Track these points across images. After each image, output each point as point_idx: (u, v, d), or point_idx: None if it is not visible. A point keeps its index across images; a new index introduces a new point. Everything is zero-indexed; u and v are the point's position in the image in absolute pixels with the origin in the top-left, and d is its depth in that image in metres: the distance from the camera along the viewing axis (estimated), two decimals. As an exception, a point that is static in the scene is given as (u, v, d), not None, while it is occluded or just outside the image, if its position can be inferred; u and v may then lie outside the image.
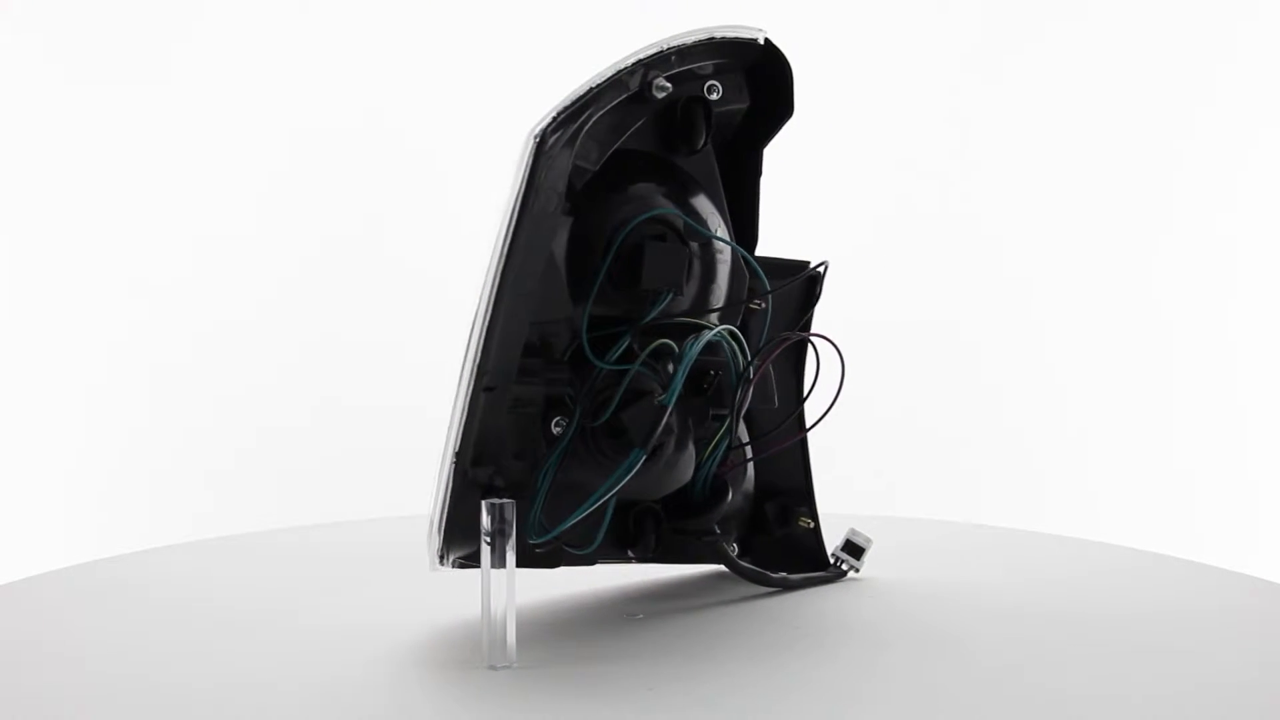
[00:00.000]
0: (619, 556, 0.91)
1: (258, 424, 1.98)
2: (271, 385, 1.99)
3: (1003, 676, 0.79)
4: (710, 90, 0.88)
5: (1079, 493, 2.02)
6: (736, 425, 0.88)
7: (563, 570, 0.88)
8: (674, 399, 0.81)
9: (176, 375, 1.99)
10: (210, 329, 1.99)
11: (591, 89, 0.81)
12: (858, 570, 1.02)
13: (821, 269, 0.96)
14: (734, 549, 0.98)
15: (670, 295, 0.84)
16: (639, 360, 0.83)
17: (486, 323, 0.79)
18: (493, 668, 0.80)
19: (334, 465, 1.95)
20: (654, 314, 0.84)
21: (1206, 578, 1.07)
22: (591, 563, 0.88)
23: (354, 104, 2.01)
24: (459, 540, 0.82)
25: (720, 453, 0.88)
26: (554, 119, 0.79)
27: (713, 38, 0.85)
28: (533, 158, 0.79)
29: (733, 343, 0.85)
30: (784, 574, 0.99)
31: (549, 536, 0.82)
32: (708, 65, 0.87)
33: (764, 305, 0.90)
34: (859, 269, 2.05)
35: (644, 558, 0.92)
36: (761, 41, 0.87)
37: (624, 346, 0.83)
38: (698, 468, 0.88)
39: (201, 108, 2.00)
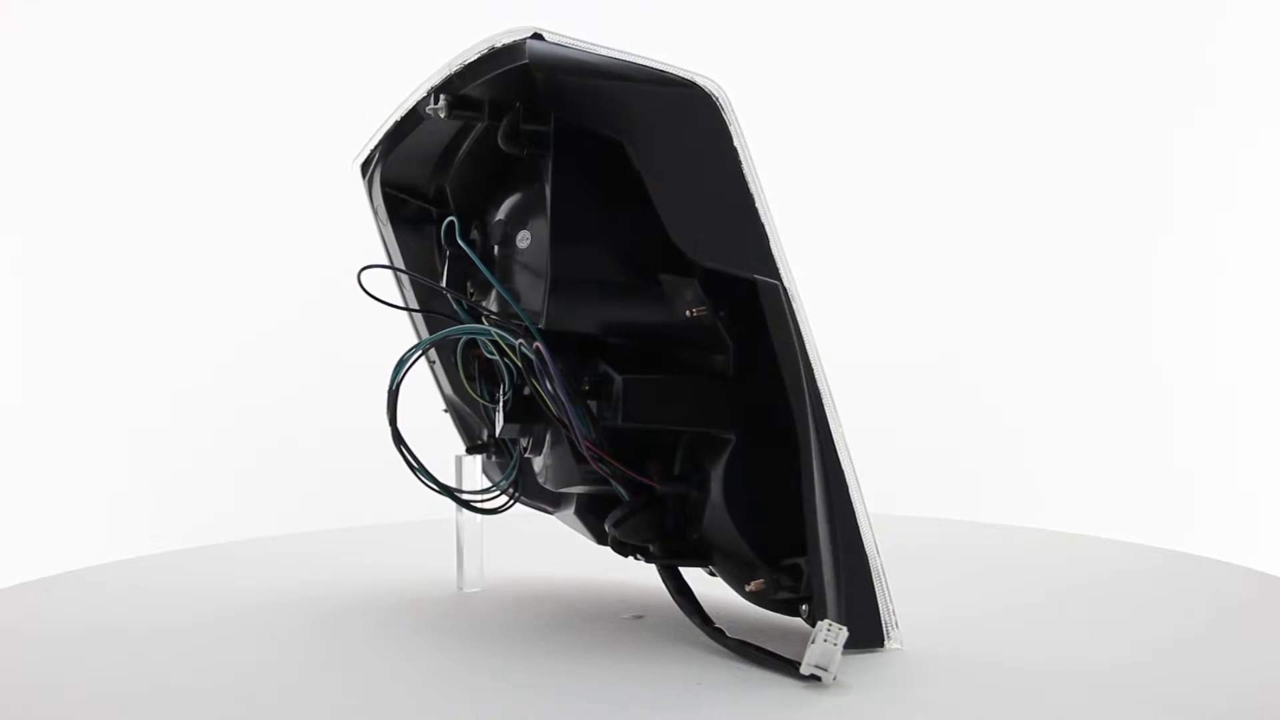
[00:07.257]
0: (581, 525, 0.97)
1: (280, 428, 1.98)
2: (294, 390, 1.98)
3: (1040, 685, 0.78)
4: None
5: (1075, 490, 2.02)
6: (565, 426, 0.83)
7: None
8: (394, 384, 0.89)
9: (196, 380, 1.99)
10: (235, 336, 1.99)
11: (394, 122, 0.92)
12: (817, 679, 0.76)
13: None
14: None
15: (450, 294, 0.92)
16: (422, 350, 0.92)
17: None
18: (460, 590, 1.02)
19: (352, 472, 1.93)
20: (461, 309, 0.92)
21: (1218, 573, 1.08)
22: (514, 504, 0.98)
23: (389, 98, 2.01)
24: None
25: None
26: (370, 151, 0.95)
27: (493, 46, 0.81)
28: (366, 184, 0.97)
29: (506, 341, 0.85)
30: (733, 636, 0.84)
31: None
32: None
33: (703, 313, 0.82)
34: (856, 270, 2.06)
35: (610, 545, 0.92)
36: (529, 37, 0.79)
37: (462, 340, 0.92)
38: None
39: (246, 111, 1.99)
